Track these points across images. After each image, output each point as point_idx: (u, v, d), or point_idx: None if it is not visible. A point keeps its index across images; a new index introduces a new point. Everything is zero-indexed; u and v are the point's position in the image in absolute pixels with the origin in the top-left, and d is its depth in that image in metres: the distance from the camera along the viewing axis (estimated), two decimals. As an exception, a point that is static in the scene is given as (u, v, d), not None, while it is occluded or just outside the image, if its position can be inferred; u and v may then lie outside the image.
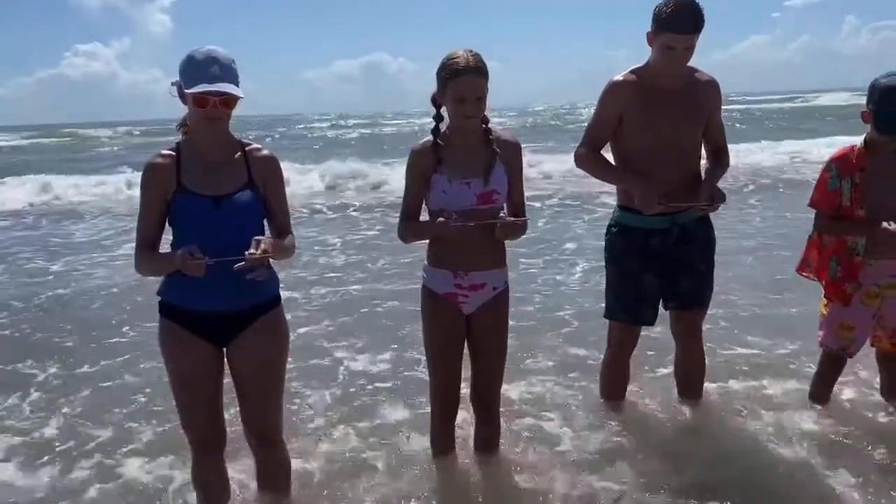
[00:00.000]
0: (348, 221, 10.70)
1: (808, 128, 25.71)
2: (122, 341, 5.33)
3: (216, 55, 2.47)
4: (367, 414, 3.96)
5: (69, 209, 12.69)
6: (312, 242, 8.73)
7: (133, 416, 4.03)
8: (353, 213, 11.45)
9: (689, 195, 3.23)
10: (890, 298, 3.40)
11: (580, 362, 4.48)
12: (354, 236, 9.31)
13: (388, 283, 6.71)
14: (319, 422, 3.88)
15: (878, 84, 3.23)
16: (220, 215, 2.53)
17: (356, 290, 6.58)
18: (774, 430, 3.50)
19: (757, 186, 12.49)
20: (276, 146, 15.53)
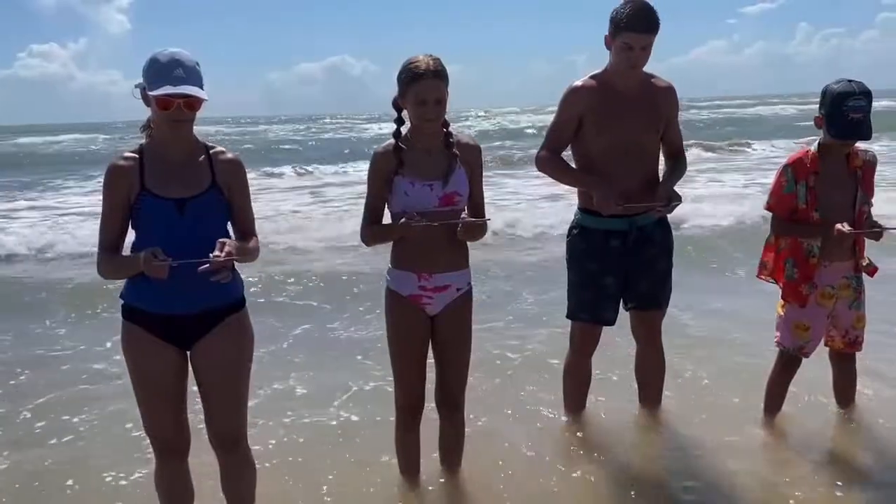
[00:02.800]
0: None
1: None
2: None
3: (180, 57, 2.47)
4: (333, 417, 3.96)
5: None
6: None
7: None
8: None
9: (646, 197, 3.30)
10: (843, 299, 3.50)
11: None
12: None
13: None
14: (282, 426, 3.87)
15: (830, 90, 3.32)
16: (183, 218, 2.53)
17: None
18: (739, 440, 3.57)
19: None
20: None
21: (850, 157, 3.42)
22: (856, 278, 3.51)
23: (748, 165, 16.31)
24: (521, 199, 11.51)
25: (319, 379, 4.54)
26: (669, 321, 3.80)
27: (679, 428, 3.71)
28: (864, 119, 3.26)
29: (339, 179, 15.74)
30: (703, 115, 35.51)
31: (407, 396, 3.06)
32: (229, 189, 2.64)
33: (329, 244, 8.35)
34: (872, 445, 3.51)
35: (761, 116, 36.42)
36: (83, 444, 3.79)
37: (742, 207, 9.26)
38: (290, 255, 8.07)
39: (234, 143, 22.59)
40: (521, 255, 7.89)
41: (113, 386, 4.32)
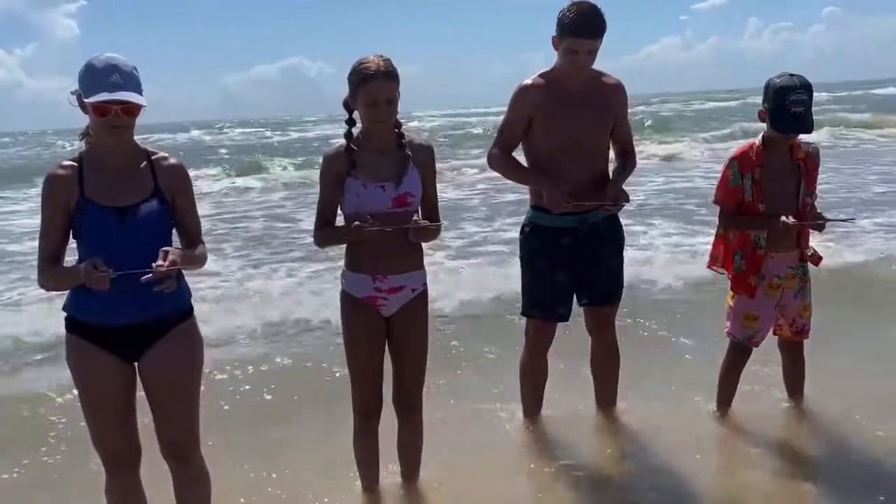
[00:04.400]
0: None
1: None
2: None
3: (116, 62, 2.41)
4: (287, 421, 3.92)
5: None
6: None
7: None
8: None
9: (595, 195, 3.33)
10: (790, 289, 3.58)
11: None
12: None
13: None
14: (239, 433, 3.81)
15: (772, 84, 3.39)
16: (125, 227, 2.47)
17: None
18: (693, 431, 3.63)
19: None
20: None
21: (793, 150, 3.50)
22: (801, 268, 3.59)
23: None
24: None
25: (278, 386, 4.50)
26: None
27: (636, 423, 3.75)
28: (806, 112, 3.33)
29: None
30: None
31: (364, 399, 3.04)
32: (173, 195, 2.59)
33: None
34: (823, 434, 3.61)
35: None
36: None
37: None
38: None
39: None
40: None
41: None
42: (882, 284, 6.00)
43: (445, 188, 12.16)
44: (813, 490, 3.18)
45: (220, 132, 37.05)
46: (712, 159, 14.89)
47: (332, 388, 4.11)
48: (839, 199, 9.61)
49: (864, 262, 6.55)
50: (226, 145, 27.70)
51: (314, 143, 24.83)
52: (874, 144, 18.66)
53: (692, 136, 20.33)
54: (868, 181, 11.59)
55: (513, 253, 5.00)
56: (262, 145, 26.97)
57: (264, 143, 28.11)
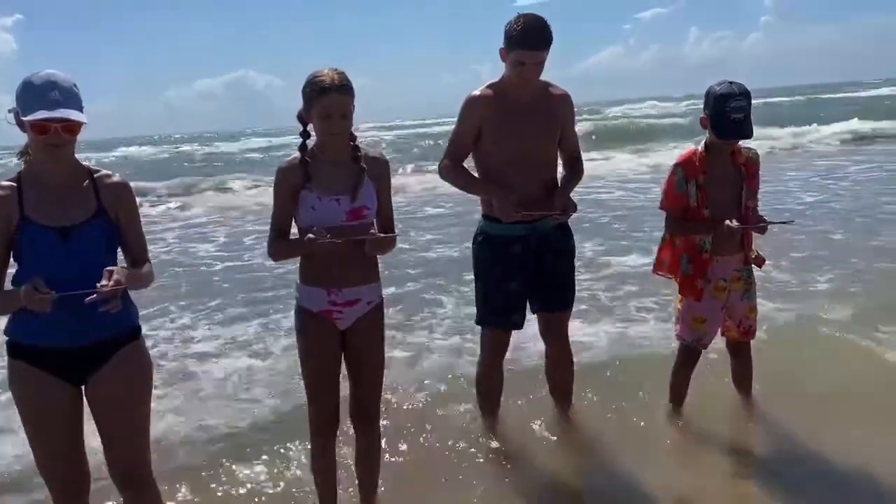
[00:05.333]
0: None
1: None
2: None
3: (55, 79, 2.35)
4: (247, 441, 3.86)
5: None
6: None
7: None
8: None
9: (544, 204, 3.37)
10: (735, 291, 3.67)
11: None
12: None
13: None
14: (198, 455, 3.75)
15: (713, 91, 3.48)
16: (68, 247, 2.41)
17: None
18: (646, 432, 3.70)
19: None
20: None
21: (734, 156, 3.60)
22: (746, 271, 3.69)
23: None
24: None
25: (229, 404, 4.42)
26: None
27: (591, 425, 3.80)
28: (746, 118, 3.43)
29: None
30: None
31: (320, 414, 2.99)
32: (117, 214, 2.53)
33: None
34: (772, 430, 3.71)
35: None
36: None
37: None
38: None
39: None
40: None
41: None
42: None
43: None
44: (761, 485, 3.25)
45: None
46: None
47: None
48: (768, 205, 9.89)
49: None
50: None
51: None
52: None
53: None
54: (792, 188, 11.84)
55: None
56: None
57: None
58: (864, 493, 3.12)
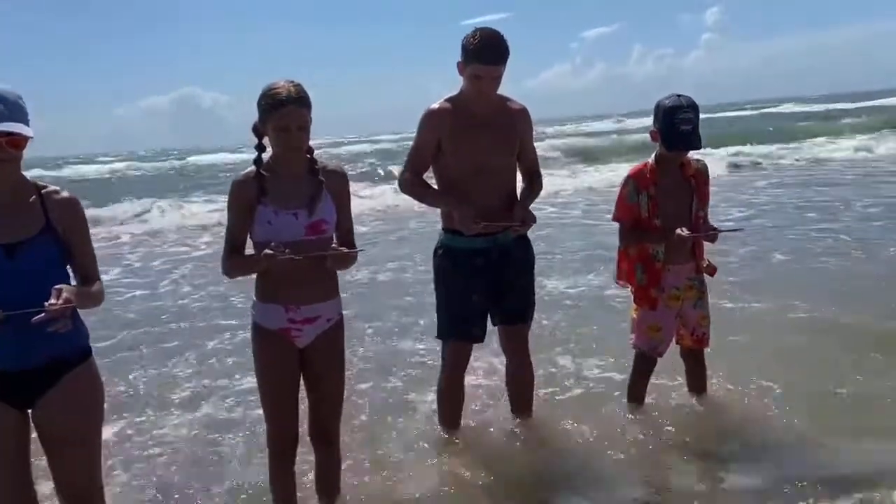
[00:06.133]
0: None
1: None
2: None
3: (0, 92, 2.28)
4: (204, 461, 3.78)
5: None
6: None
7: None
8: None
9: (504, 216, 3.40)
10: (688, 300, 3.75)
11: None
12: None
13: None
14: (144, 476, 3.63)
15: (662, 105, 3.57)
16: (13, 265, 2.32)
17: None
18: (599, 433, 3.74)
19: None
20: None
21: (683, 167, 3.69)
22: (698, 279, 3.77)
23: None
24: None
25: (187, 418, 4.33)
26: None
27: (552, 432, 3.82)
28: (694, 130, 3.53)
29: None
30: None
31: (279, 434, 2.93)
32: (65, 230, 2.45)
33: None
34: (728, 431, 3.77)
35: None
36: None
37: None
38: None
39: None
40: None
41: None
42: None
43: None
44: (726, 480, 3.32)
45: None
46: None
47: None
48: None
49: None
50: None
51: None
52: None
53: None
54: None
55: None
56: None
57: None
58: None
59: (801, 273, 6.92)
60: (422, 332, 5.51)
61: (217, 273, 8.72)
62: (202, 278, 8.26)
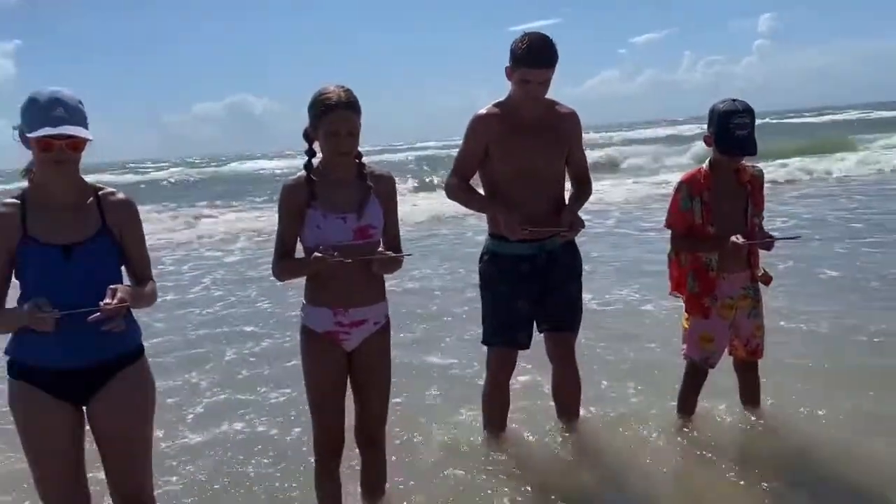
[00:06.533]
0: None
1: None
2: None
3: (60, 96, 2.33)
4: (249, 464, 3.80)
5: None
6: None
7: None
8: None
9: (551, 222, 3.36)
10: (742, 309, 3.64)
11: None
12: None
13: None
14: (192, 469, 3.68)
15: (717, 109, 3.49)
16: (71, 265, 2.38)
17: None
18: (653, 446, 3.65)
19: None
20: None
21: (739, 173, 3.59)
22: (753, 288, 3.66)
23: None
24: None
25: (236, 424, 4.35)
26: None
27: (600, 440, 3.75)
28: (749, 135, 3.44)
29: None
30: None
31: (325, 436, 2.95)
32: (121, 232, 2.51)
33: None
34: (781, 447, 3.64)
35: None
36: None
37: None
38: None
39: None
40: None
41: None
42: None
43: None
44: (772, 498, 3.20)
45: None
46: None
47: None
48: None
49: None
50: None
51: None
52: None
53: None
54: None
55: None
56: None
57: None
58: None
59: (851, 287, 6.60)
60: (451, 342, 5.50)
61: (247, 278, 8.80)
62: (232, 284, 8.43)
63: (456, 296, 6.97)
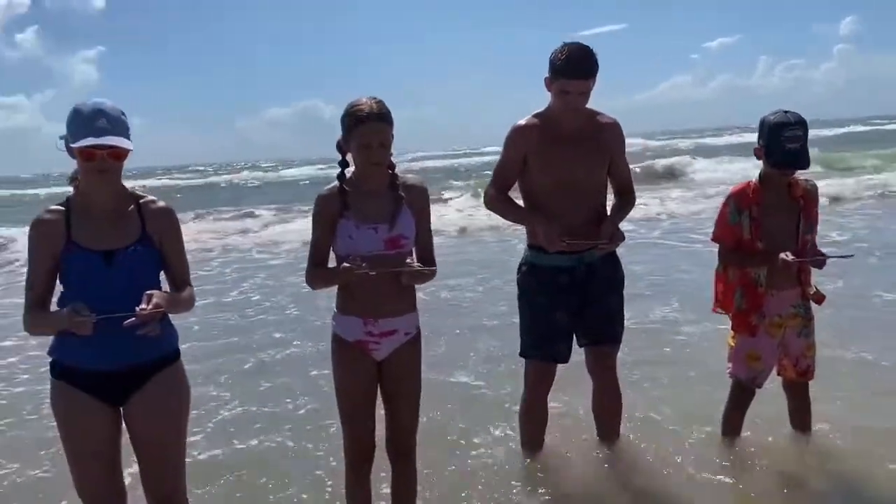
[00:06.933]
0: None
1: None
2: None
3: (103, 108, 2.42)
4: (280, 468, 3.85)
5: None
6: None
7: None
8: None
9: (592, 234, 3.30)
10: (792, 328, 3.50)
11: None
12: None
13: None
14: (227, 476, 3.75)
15: (767, 121, 3.37)
16: (111, 271, 2.46)
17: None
18: (693, 468, 3.54)
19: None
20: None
21: (791, 187, 3.46)
22: (803, 307, 3.52)
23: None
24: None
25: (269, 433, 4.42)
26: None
27: (639, 461, 3.66)
28: (802, 148, 3.31)
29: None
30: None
31: (355, 445, 2.96)
32: (161, 239, 2.58)
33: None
34: (831, 472, 3.50)
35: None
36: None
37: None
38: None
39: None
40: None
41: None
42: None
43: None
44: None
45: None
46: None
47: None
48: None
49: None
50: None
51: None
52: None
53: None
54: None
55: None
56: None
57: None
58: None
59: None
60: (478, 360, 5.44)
61: (285, 283, 8.79)
62: (268, 289, 8.58)
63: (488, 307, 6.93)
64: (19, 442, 4.38)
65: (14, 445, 4.34)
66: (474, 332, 6.19)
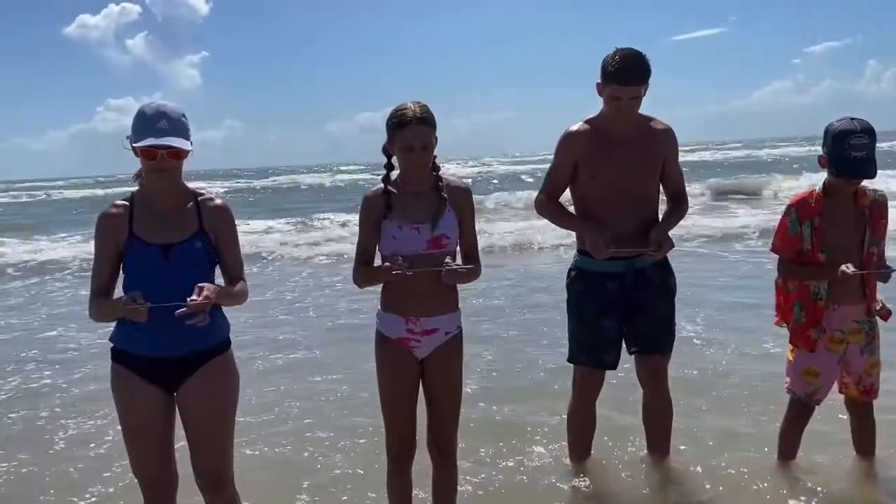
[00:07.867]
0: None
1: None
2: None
3: (165, 110, 2.58)
4: (320, 463, 3.97)
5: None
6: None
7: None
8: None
9: (642, 240, 3.26)
10: (855, 344, 3.36)
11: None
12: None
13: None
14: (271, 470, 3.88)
15: (832, 128, 3.25)
16: (168, 263, 2.62)
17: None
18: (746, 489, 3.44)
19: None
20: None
21: (857, 197, 3.32)
22: (868, 322, 3.37)
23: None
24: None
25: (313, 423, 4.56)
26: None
27: (690, 474, 3.59)
28: (868, 157, 3.17)
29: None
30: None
31: (397, 441, 3.03)
32: (216, 234, 2.72)
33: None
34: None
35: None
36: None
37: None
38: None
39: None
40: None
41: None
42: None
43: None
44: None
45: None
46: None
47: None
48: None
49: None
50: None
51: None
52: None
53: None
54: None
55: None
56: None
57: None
58: None
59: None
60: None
61: (324, 284, 8.74)
62: (307, 289, 8.89)
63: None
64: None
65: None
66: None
